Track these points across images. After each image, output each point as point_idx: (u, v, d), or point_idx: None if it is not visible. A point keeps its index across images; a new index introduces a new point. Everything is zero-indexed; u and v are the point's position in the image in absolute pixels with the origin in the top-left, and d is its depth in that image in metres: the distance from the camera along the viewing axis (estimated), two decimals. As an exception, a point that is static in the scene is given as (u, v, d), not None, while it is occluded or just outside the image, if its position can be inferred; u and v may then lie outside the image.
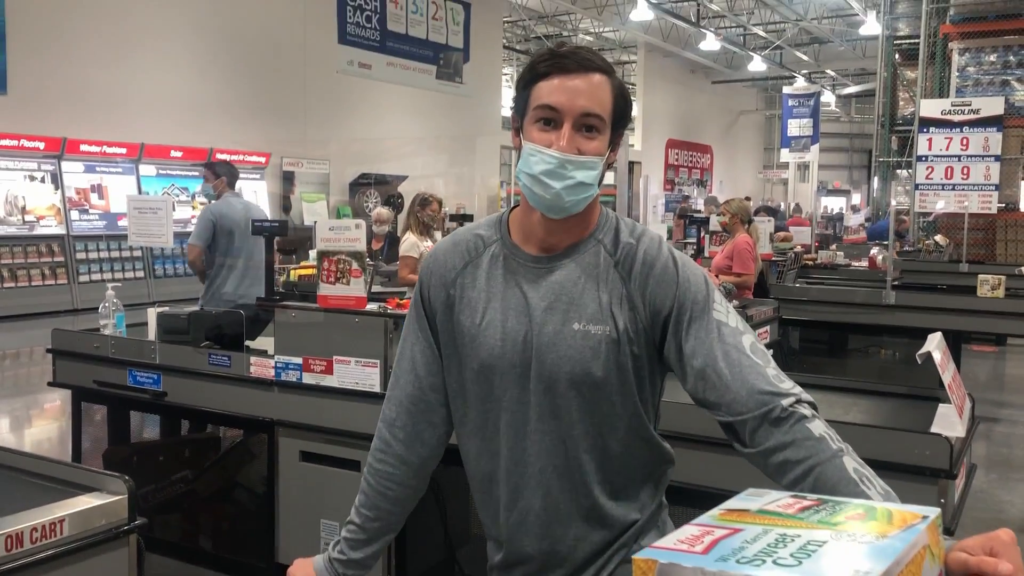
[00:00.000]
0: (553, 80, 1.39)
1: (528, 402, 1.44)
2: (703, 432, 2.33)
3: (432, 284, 1.53)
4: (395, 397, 1.57)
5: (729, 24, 23.49)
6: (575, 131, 1.39)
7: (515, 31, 25.06)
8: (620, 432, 1.45)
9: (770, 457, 1.29)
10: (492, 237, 1.51)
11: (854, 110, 32.33)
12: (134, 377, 3.72)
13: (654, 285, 1.41)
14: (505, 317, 1.45)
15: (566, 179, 1.38)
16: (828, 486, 1.20)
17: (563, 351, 1.41)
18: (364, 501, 1.57)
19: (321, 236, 3.23)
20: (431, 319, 1.53)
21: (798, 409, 1.29)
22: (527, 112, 1.42)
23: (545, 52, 1.43)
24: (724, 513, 0.90)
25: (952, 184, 13.76)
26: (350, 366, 3.22)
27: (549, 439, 1.44)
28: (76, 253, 12.28)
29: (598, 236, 1.47)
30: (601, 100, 1.40)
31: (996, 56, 13.97)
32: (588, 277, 1.43)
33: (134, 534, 1.92)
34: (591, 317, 1.41)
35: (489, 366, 1.45)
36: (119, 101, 12.77)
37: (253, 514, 3.64)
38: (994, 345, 9.77)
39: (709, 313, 1.39)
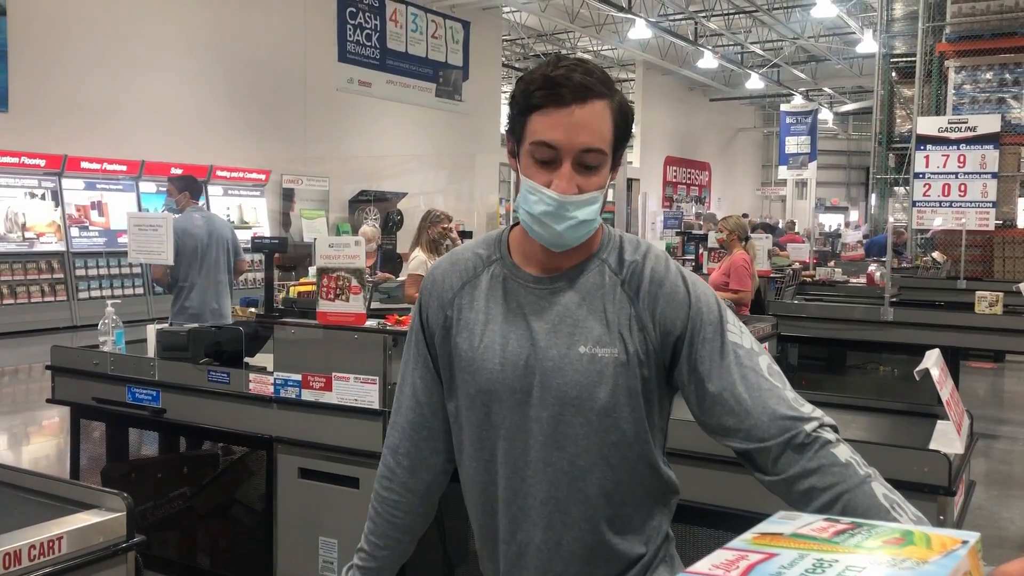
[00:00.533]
0: (549, 114, 1.29)
1: (529, 429, 1.37)
2: (707, 450, 2.33)
3: (430, 305, 1.47)
4: (397, 423, 1.52)
5: (727, 42, 23.62)
6: (574, 168, 1.31)
7: (514, 49, 25.18)
8: (629, 461, 1.38)
9: (794, 484, 1.24)
10: (492, 256, 1.45)
11: (851, 127, 32.46)
12: (133, 394, 3.72)
13: (664, 305, 1.35)
14: (505, 340, 1.38)
15: (567, 220, 1.31)
16: (858, 513, 1.16)
17: (569, 376, 1.34)
18: (372, 528, 1.54)
19: (321, 253, 3.24)
20: (430, 342, 1.47)
21: (822, 434, 1.24)
22: (523, 142, 1.34)
23: (539, 77, 1.31)
24: (757, 537, 0.87)
25: (949, 201, 13.80)
26: (349, 383, 3.22)
27: (552, 469, 1.37)
28: (76, 270, 12.28)
29: (602, 256, 1.40)
30: (601, 132, 1.31)
31: (992, 74, 14.05)
32: (593, 298, 1.37)
33: (132, 551, 1.91)
34: (598, 339, 1.34)
35: (487, 391, 1.39)
36: (120, 118, 12.82)
37: (251, 531, 3.63)
38: (993, 362, 9.77)
39: (724, 335, 1.33)
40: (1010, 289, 7.26)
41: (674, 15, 21.19)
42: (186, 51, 13.84)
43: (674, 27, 21.40)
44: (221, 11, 14.26)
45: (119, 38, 12.84)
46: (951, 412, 2.30)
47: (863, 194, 27.47)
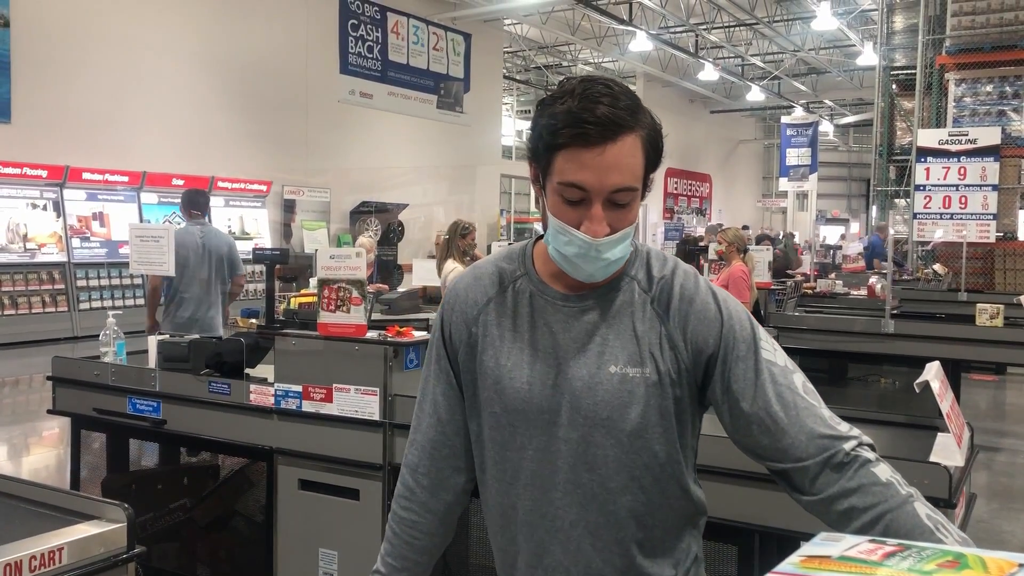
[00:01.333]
0: (577, 155, 1.23)
1: (558, 451, 1.33)
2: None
3: (454, 321, 1.42)
4: (417, 441, 1.47)
5: (727, 55, 23.69)
6: (605, 208, 1.26)
7: (515, 61, 25.27)
8: (660, 483, 1.34)
9: (833, 504, 1.22)
10: (517, 271, 1.40)
11: (852, 139, 32.54)
12: (134, 405, 3.72)
13: (695, 323, 1.31)
14: (533, 359, 1.34)
15: (598, 261, 1.27)
16: (901, 534, 1.14)
17: (600, 396, 1.30)
18: (390, 550, 1.48)
19: (322, 264, 3.25)
20: (452, 358, 1.42)
21: (861, 453, 1.22)
22: (549, 178, 1.28)
23: (563, 112, 1.24)
24: (805, 560, 0.86)
25: (950, 213, 13.81)
26: (350, 394, 3.22)
27: (581, 492, 1.33)
28: (77, 280, 12.30)
29: (631, 272, 1.36)
30: (632, 169, 1.26)
31: (992, 87, 14.09)
32: (623, 316, 1.33)
33: (133, 562, 1.91)
34: (628, 359, 1.30)
35: (513, 411, 1.35)
36: (122, 130, 12.86)
37: (251, 543, 3.63)
38: (994, 374, 9.76)
39: (757, 352, 1.30)
40: (1011, 301, 7.27)
41: (675, 27, 21.27)
42: (188, 62, 13.89)
43: (675, 39, 21.48)
44: (223, 22, 14.32)
45: (121, 49, 12.89)
46: (951, 424, 2.30)
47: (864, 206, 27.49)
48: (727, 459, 2.29)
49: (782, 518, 2.50)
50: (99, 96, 12.56)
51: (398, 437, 3.18)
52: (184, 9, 13.71)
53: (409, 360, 3.28)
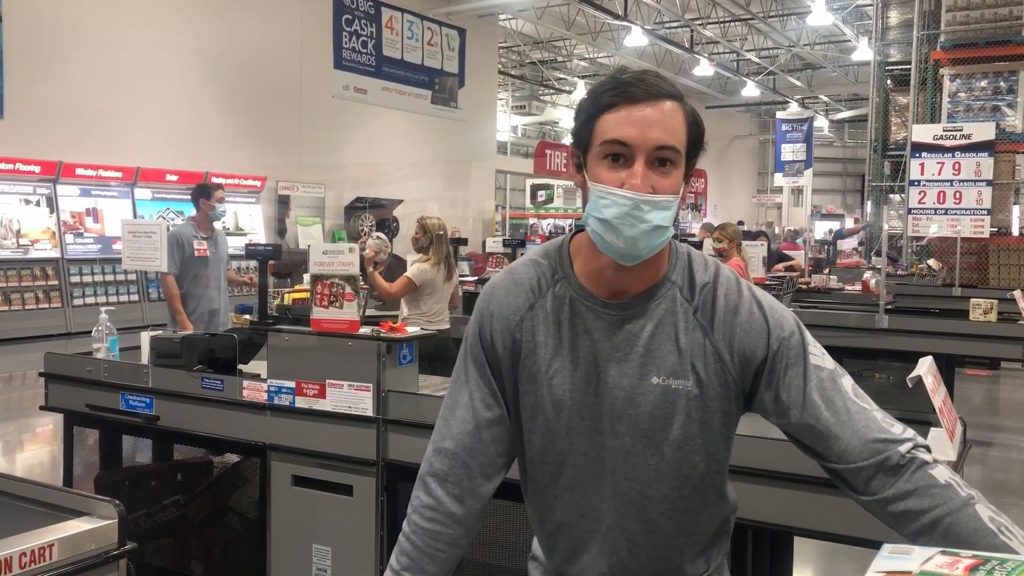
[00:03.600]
0: (620, 111, 1.24)
1: (598, 457, 1.33)
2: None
3: (495, 328, 1.38)
4: (447, 450, 1.40)
5: (723, 50, 23.69)
6: (648, 167, 1.24)
7: (510, 56, 25.24)
8: (700, 492, 1.34)
9: (890, 506, 1.21)
10: (556, 274, 1.37)
11: (847, 135, 32.58)
12: (127, 401, 3.71)
13: (742, 334, 1.29)
14: (574, 366, 1.32)
15: (641, 223, 1.23)
16: (962, 537, 1.13)
17: (642, 407, 1.29)
18: (407, 564, 1.39)
19: (314, 260, 3.24)
20: (494, 366, 1.39)
21: (917, 455, 1.21)
22: (591, 147, 1.27)
23: (608, 79, 1.28)
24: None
25: (945, 208, 13.83)
26: (343, 390, 3.21)
27: (620, 499, 1.33)
28: (71, 277, 12.26)
29: (672, 278, 1.33)
30: (675, 130, 1.26)
31: (987, 82, 14.11)
32: (665, 326, 1.30)
33: (124, 559, 1.90)
34: (671, 371, 1.29)
35: (555, 417, 1.34)
36: (115, 125, 12.82)
37: (245, 539, 3.62)
38: (988, 369, 9.79)
39: (806, 359, 1.29)
40: (1005, 296, 7.27)
41: (670, 23, 21.26)
42: (182, 57, 13.84)
43: (670, 35, 21.47)
44: (217, 18, 14.27)
45: (115, 45, 12.85)
46: (944, 419, 2.30)
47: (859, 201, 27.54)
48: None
49: (775, 513, 2.50)
50: (93, 91, 12.52)
51: (392, 433, 3.18)
52: (178, 4, 13.66)
53: (402, 356, 3.27)
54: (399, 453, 3.17)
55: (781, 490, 2.47)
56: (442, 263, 5.56)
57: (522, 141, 29.31)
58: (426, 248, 5.59)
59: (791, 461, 2.46)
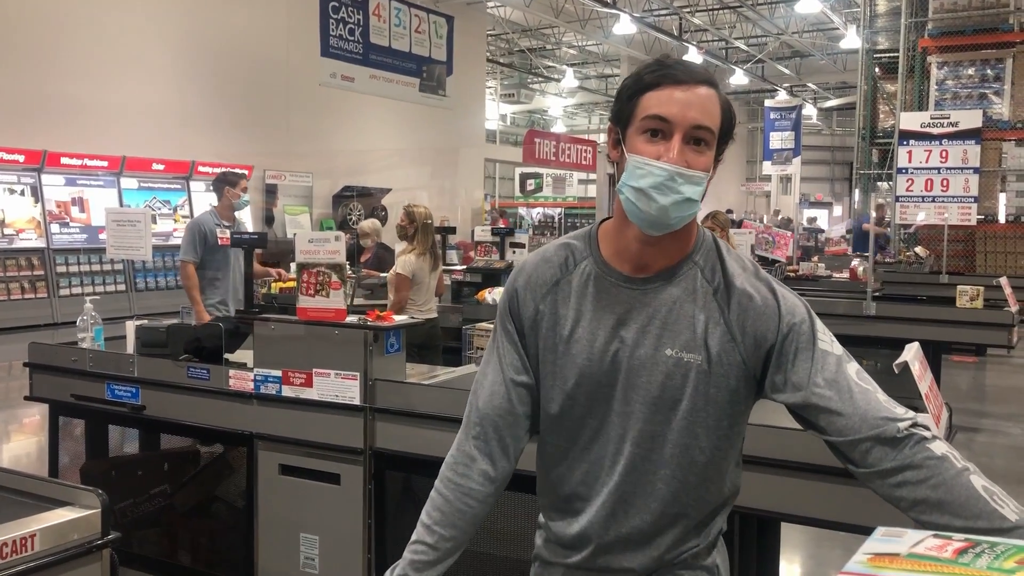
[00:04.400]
0: (663, 90, 1.35)
1: (610, 422, 1.42)
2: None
3: (523, 298, 1.49)
4: (480, 410, 1.50)
5: (711, 38, 23.67)
6: (684, 144, 1.34)
7: (498, 44, 25.15)
8: (699, 465, 1.42)
9: (888, 477, 1.27)
10: (583, 253, 1.47)
11: (835, 123, 32.65)
12: (112, 391, 3.69)
13: (755, 317, 1.38)
14: (594, 336, 1.42)
15: (674, 193, 1.33)
16: (956, 505, 1.19)
17: (654, 376, 1.38)
18: (440, 519, 1.47)
19: (300, 248, 3.22)
20: (521, 332, 1.50)
21: (916, 431, 1.27)
22: (631, 123, 1.37)
23: (652, 62, 1.39)
24: (873, 559, 0.84)
25: (932, 196, 13.86)
26: (330, 379, 3.20)
27: (625, 463, 1.42)
28: (56, 266, 12.18)
29: (695, 258, 1.43)
30: (711, 113, 1.36)
31: (974, 70, 14.15)
32: (684, 302, 1.40)
33: (107, 549, 1.89)
34: (685, 344, 1.38)
35: (575, 384, 1.43)
36: (100, 114, 12.71)
37: (232, 528, 3.61)
38: (974, 356, 9.84)
39: (815, 344, 1.36)
40: (991, 283, 7.31)
41: (658, 10, 21.22)
42: (167, 45, 13.73)
43: (659, 22, 21.43)
44: (203, 5, 14.16)
45: (100, 32, 12.73)
46: (930, 405, 2.31)
47: (847, 189, 27.62)
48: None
49: (762, 499, 2.50)
50: (77, 80, 12.41)
51: (379, 422, 3.17)
52: (163, -9, 13.54)
53: (390, 344, 3.26)
54: (386, 442, 3.16)
55: (768, 476, 2.47)
56: (428, 252, 5.54)
57: (511, 129, 29.26)
58: (412, 237, 5.57)
59: (779, 447, 2.46)
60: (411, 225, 5.58)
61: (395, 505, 3.24)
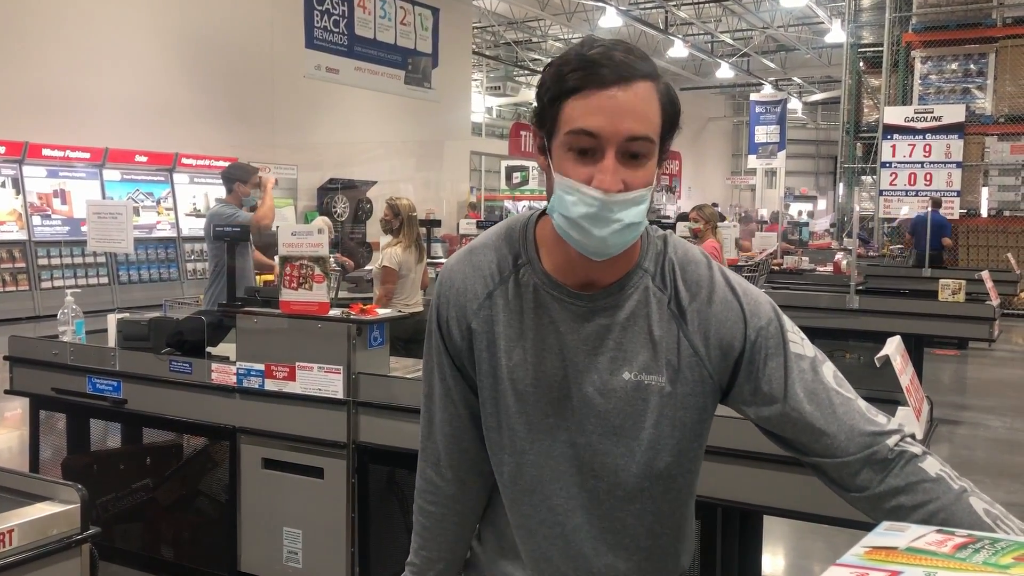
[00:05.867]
0: (588, 96, 1.11)
1: (562, 455, 1.25)
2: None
3: (451, 316, 1.29)
4: (434, 435, 1.36)
5: (697, 31, 23.70)
6: (619, 160, 1.12)
7: (484, 36, 25.09)
8: (671, 492, 1.28)
9: (881, 502, 1.14)
10: (519, 259, 1.27)
11: (820, 117, 32.77)
12: (94, 384, 3.66)
13: (717, 324, 1.21)
14: (539, 359, 1.23)
15: (611, 223, 1.12)
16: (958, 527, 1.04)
17: (613, 404, 1.21)
18: (423, 543, 1.40)
19: (283, 241, 3.21)
20: (453, 354, 1.31)
21: (906, 448, 1.14)
22: (556, 133, 1.15)
23: (573, 56, 1.14)
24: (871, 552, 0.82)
25: (915, 190, 13.96)
26: (313, 372, 3.19)
27: (587, 497, 1.26)
28: (38, 259, 12.08)
29: (644, 265, 1.24)
30: (648, 117, 1.13)
31: (957, 64, 14.22)
32: (638, 318, 1.22)
33: (87, 544, 1.88)
34: (644, 366, 1.21)
35: (515, 413, 1.26)
36: (82, 105, 12.60)
37: (215, 522, 3.60)
38: (956, 349, 9.91)
39: (786, 348, 1.21)
40: (973, 277, 7.36)
41: (644, 3, 21.22)
42: (151, 36, 13.62)
43: (644, 15, 21.43)
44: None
45: (82, 22, 12.61)
46: (911, 398, 2.32)
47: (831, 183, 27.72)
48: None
49: (745, 492, 2.51)
50: (59, 71, 12.29)
51: (362, 415, 3.16)
52: (145, -19, 13.43)
53: (373, 338, 3.25)
54: (370, 435, 3.15)
55: (750, 469, 2.48)
56: (413, 245, 5.52)
57: (497, 122, 29.20)
58: (397, 230, 5.54)
59: (760, 440, 2.46)
60: (396, 219, 5.55)
61: (378, 499, 3.24)
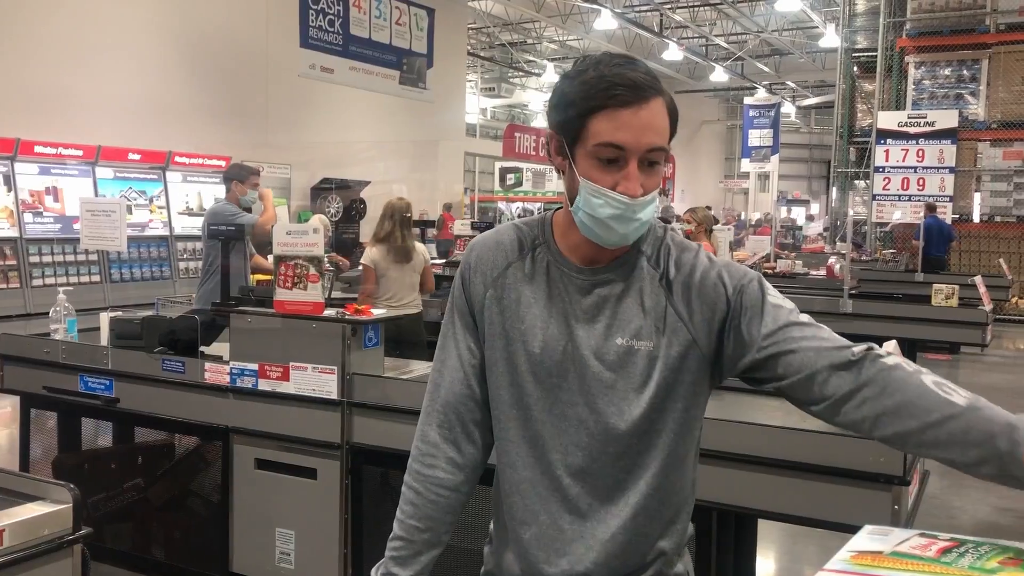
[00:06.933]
0: (615, 114, 1.29)
1: (561, 414, 1.39)
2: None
3: (474, 281, 1.46)
4: (440, 398, 1.48)
5: (692, 35, 23.73)
6: (640, 168, 1.32)
7: (479, 38, 25.09)
8: (657, 450, 1.39)
9: (848, 402, 1.26)
10: (536, 240, 1.45)
11: (813, 121, 32.84)
12: (85, 383, 3.64)
13: (699, 291, 1.36)
14: (546, 325, 1.40)
15: (633, 222, 1.33)
16: (910, 404, 1.19)
17: (607, 366, 1.36)
18: (412, 512, 1.46)
19: (278, 240, 3.19)
20: (473, 314, 1.47)
21: (872, 351, 1.28)
22: (580, 142, 1.33)
23: (595, 77, 1.32)
24: (857, 556, 0.84)
25: (908, 195, 14.00)
26: (307, 372, 3.18)
27: (582, 454, 1.38)
28: (29, 256, 12.00)
29: (642, 248, 1.41)
30: (663, 130, 1.33)
31: (951, 70, 14.27)
32: (632, 290, 1.38)
33: (79, 544, 1.87)
34: (635, 332, 1.36)
35: (524, 372, 1.40)
36: (75, 102, 12.54)
37: (207, 522, 3.58)
38: (948, 353, 9.93)
39: (765, 300, 1.35)
40: (966, 282, 7.38)
41: (640, 6, 21.23)
42: (145, 33, 13.57)
43: (640, 18, 21.44)
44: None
45: (76, 19, 12.56)
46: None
47: (824, 187, 27.78)
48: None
49: (740, 496, 2.51)
50: (52, 67, 12.23)
51: (356, 416, 3.15)
52: (140, -21, 13.37)
53: (368, 339, 3.24)
54: (364, 436, 3.14)
55: (746, 473, 2.48)
56: (386, 243, 5.47)
57: (491, 123, 29.19)
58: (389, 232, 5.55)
59: (756, 444, 2.47)
60: (384, 219, 5.57)
61: (372, 500, 3.23)
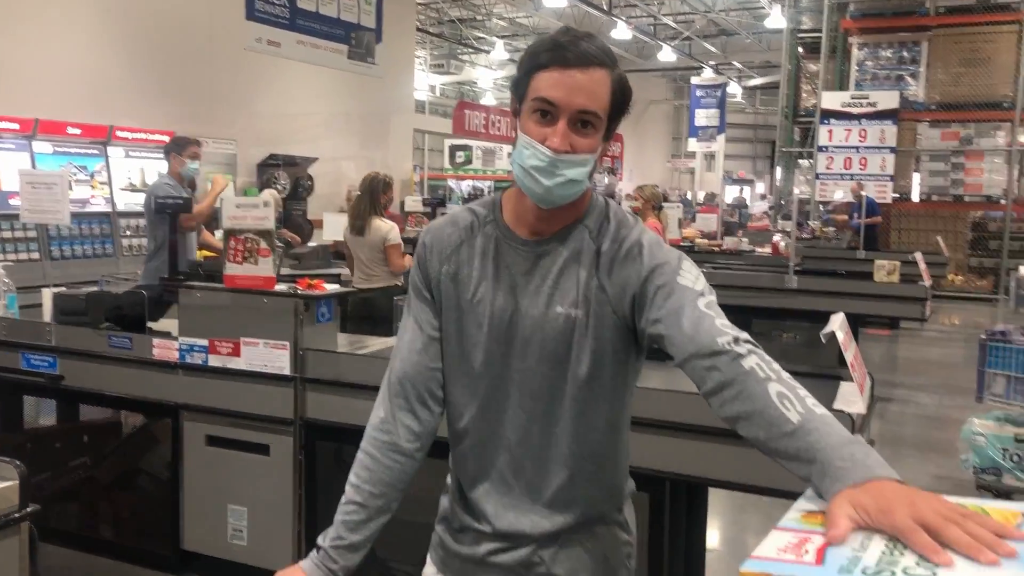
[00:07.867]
0: (553, 73, 1.39)
1: (509, 379, 1.49)
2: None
3: (430, 259, 1.56)
4: (398, 369, 1.57)
5: (640, 14, 23.79)
6: (570, 127, 1.40)
7: (428, 14, 24.82)
8: (593, 413, 1.49)
9: (713, 397, 1.32)
10: (487, 217, 1.55)
11: (759, 102, 33.20)
12: (28, 360, 3.55)
13: (619, 266, 1.45)
14: (495, 296, 1.49)
15: (556, 176, 1.40)
16: (757, 415, 1.24)
17: (547, 332, 1.46)
18: (367, 476, 1.54)
19: (228, 214, 3.14)
20: (429, 289, 1.56)
21: (732, 347, 1.32)
22: (525, 99, 1.43)
23: (548, 40, 1.42)
24: (807, 516, 0.87)
25: (851, 174, 14.27)
26: (258, 348, 3.14)
27: (526, 416, 1.49)
28: (-36, 233, 11.64)
29: (585, 222, 1.50)
30: (599, 97, 1.41)
31: (892, 52, 14.54)
32: (572, 262, 1.47)
33: (26, 522, 1.83)
34: (572, 301, 1.45)
35: (475, 343, 1.50)
36: (10, 73, 12.13)
37: (157, 501, 3.53)
38: (888, 328, 10.19)
39: (676, 280, 1.41)
40: (906, 259, 7.57)
41: (589, -16, 21.15)
42: (85, 3, 13.16)
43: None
44: (120, -37, 13.60)
45: (9, -12, 12.12)
46: (855, 373, 2.38)
47: (768, 167, 28.20)
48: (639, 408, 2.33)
49: (692, 466, 2.56)
50: (-16, 37, 11.81)
51: (310, 392, 3.13)
52: (77, -53, 12.95)
53: (320, 314, 3.21)
54: (318, 412, 3.12)
55: (696, 443, 2.52)
56: (350, 221, 5.63)
57: (440, 101, 28.99)
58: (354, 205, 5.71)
59: (705, 414, 2.50)
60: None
61: (326, 476, 3.21)
